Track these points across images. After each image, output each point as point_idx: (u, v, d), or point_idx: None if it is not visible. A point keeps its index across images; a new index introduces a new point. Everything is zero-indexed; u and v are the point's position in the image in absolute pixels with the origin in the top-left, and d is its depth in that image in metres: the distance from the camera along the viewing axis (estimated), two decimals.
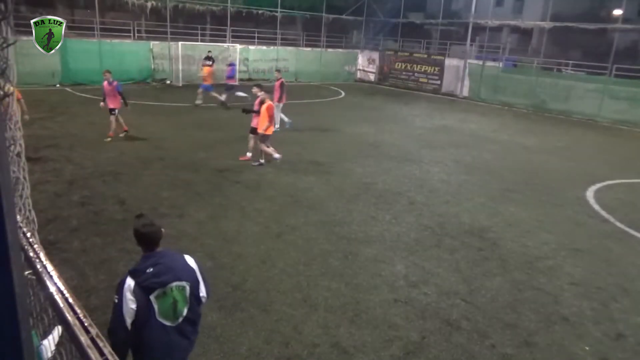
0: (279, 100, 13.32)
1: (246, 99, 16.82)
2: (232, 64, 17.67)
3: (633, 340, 4.93)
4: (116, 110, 11.24)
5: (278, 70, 14.90)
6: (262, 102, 9.90)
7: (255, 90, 10.38)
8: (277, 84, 13.50)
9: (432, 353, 4.50)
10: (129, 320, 2.80)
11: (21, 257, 1.27)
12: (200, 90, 16.58)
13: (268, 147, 10.10)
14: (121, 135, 11.51)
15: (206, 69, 16.59)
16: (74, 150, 10.37)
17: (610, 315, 5.35)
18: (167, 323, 2.92)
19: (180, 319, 2.99)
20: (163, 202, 7.79)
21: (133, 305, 2.80)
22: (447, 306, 5.30)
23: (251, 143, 10.53)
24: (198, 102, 16.55)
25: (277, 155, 10.07)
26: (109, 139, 11.19)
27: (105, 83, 11.09)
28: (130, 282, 2.82)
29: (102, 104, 11.32)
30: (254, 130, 10.36)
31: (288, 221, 7.35)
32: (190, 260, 3.13)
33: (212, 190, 8.48)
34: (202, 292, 3.12)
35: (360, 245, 6.69)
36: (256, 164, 10.17)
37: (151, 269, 2.88)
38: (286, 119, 14.02)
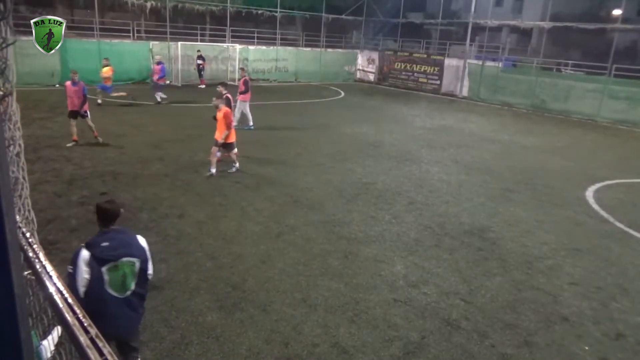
0: (246, 98, 13.46)
1: (165, 100, 16.57)
2: (160, 63, 16.95)
3: (633, 340, 4.93)
4: (87, 113, 10.73)
5: (242, 68, 14.71)
6: (217, 108, 9.08)
7: (219, 88, 10.19)
8: (242, 82, 13.51)
9: (431, 353, 4.50)
10: (82, 290, 3.06)
11: (20, 258, 1.27)
12: (98, 90, 15.40)
13: (231, 154, 9.47)
14: (69, 145, 10.56)
15: (107, 69, 15.24)
16: (74, 150, 10.36)
17: (610, 315, 5.36)
18: (115, 294, 3.21)
19: (128, 292, 3.27)
20: (163, 202, 7.79)
21: (87, 276, 3.07)
22: (447, 306, 5.30)
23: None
24: (99, 101, 15.40)
25: (213, 170, 9.20)
26: (101, 139, 10.94)
27: (69, 83, 10.56)
28: (85, 254, 3.10)
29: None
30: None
31: (288, 221, 7.35)
32: (142, 240, 3.42)
33: (212, 190, 8.48)
34: (150, 270, 3.43)
35: (360, 245, 6.69)
36: (233, 170, 9.53)
37: (106, 243, 3.17)
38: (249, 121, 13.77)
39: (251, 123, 13.64)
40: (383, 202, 8.48)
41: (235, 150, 9.50)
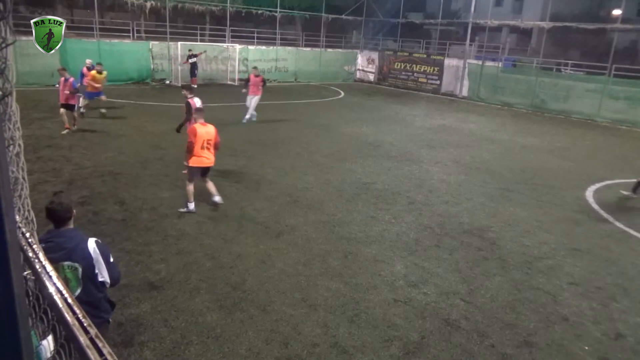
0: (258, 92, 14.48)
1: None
2: (92, 67, 14.46)
3: (632, 340, 4.94)
4: (75, 106, 11.81)
5: (255, 67, 15.81)
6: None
7: (184, 93, 9.37)
8: (260, 79, 14.62)
9: (431, 353, 4.50)
10: None
11: (20, 257, 1.27)
12: (86, 101, 13.75)
13: (190, 185, 7.34)
14: (63, 132, 11.57)
15: (95, 75, 13.55)
16: (73, 150, 10.37)
17: (610, 315, 5.36)
18: None
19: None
20: (163, 202, 7.79)
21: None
22: (447, 306, 5.30)
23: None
24: (103, 110, 14.04)
25: (191, 206, 7.33)
26: (74, 128, 11.82)
27: (62, 80, 11.49)
28: None
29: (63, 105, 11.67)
30: None
31: (287, 221, 7.35)
32: (91, 245, 3.22)
33: None
34: (103, 277, 3.23)
35: (360, 245, 6.69)
36: (184, 210, 7.41)
37: (43, 245, 3.00)
38: (248, 115, 14.54)
39: (248, 116, 14.47)
40: (383, 202, 8.48)
41: (209, 182, 7.60)
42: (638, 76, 19.36)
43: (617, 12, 22.71)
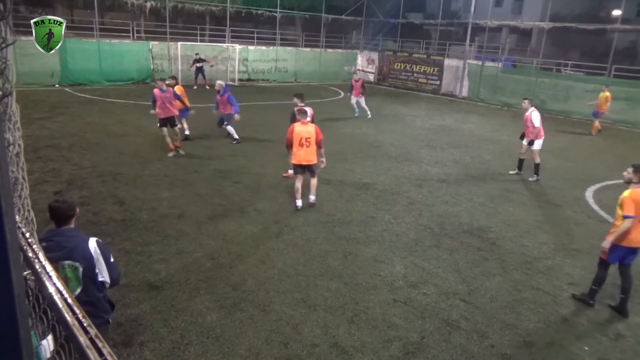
0: (360, 94, 16.82)
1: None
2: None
3: (632, 340, 4.94)
4: (175, 120, 10.46)
5: (355, 73, 17.86)
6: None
7: (295, 101, 9.34)
8: (360, 83, 16.83)
9: (431, 353, 4.50)
10: None
11: (20, 258, 1.27)
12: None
13: (296, 182, 7.83)
14: (170, 155, 10.34)
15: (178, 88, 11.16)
16: (73, 150, 10.36)
17: (609, 316, 5.36)
18: None
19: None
20: (162, 202, 7.79)
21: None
22: (447, 306, 5.31)
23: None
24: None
25: (298, 203, 7.80)
26: (172, 154, 10.42)
27: (157, 90, 10.01)
28: None
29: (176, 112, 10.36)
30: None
31: (287, 221, 7.35)
32: (92, 244, 3.21)
33: (212, 191, 8.47)
34: (103, 277, 3.23)
35: (360, 245, 6.69)
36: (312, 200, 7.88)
37: (44, 244, 3.03)
38: (357, 114, 17.02)
39: (357, 114, 17.01)
40: (382, 202, 8.48)
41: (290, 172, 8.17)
42: (638, 76, 19.35)
43: (617, 12, 22.72)
